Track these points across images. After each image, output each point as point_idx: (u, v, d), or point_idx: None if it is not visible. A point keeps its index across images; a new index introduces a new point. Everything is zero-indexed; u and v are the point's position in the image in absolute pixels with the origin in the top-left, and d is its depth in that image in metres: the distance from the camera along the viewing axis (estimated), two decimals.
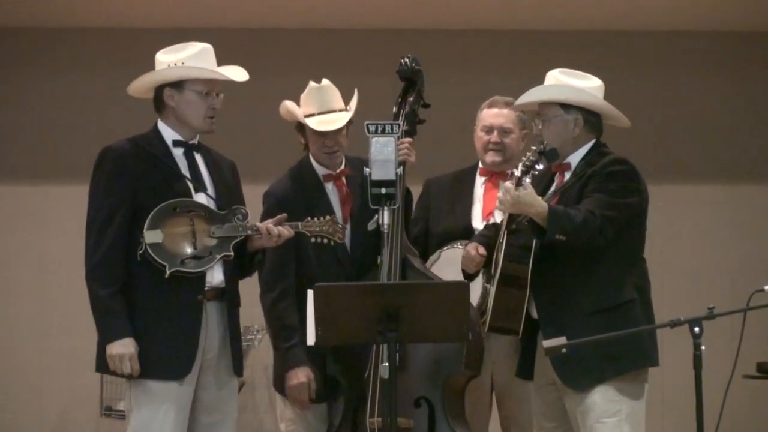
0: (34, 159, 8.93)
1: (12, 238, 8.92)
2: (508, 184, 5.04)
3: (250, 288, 5.40)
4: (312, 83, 5.57)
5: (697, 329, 4.45)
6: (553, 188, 5.24)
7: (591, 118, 5.22)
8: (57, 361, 8.78)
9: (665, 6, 8.39)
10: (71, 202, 8.58)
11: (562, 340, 4.66)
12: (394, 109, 5.68)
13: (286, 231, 5.07)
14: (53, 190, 8.92)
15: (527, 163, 5.02)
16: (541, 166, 5.04)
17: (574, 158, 5.21)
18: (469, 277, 5.43)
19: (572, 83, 5.22)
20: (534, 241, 5.10)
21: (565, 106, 5.19)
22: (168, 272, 4.90)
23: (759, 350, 7.87)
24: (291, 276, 5.45)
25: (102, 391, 8.38)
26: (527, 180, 4.99)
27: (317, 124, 5.48)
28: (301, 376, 5.39)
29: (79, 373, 8.59)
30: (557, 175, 5.26)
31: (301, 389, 5.40)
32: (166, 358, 4.93)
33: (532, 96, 5.25)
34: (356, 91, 5.60)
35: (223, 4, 8.28)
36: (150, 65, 5.16)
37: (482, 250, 5.36)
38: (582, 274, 5.08)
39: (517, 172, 5.03)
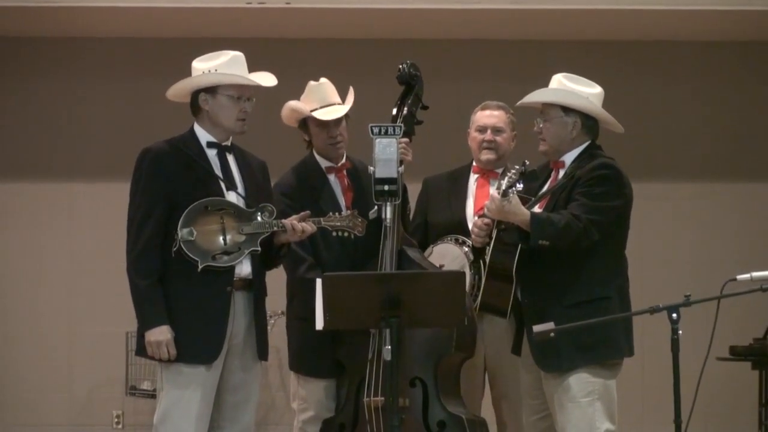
0: (66, 159, 8.95)
1: (45, 233, 8.94)
2: (495, 193, 5.07)
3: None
4: (311, 82, 5.61)
5: (674, 315, 4.47)
6: (546, 187, 5.26)
7: (588, 122, 5.23)
8: (85, 345, 8.81)
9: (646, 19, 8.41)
10: (100, 198, 8.68)
11: (550, 325, 4.69)
12: (394, 111, 5.69)
13: (309, 227, 5.08)
14: (83, 188, 8.94)
15: (510, 180, 5.05)
16: (521, 186, 5.07)
17: (569, 157, 5.22)
18: (478, 251, 5.47)
19: (575, 88, 5.23)
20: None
21: (566, 109, 5.20)
22: (200, 267, 4.92)
23: (731, 335, 7.88)
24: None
25: (127, 372, 8.40)
26: (512, 192, 5.01)
27: (321, 115, 5.52)
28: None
29: (105, 356, 8.63)
30: (553, 171, 5.28)
31: None
32: (196, 344, 4.95)
33: (537, 96, 5.26)
34: (351, 88, 5.61)
35: (239, 16, 8.28)
36: (177, 72, 5.17)
37: (487, 220, 5.37)
38: (566, 270, 5.09)
39: (503, 186, 5.05)
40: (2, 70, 8.93)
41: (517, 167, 5.12)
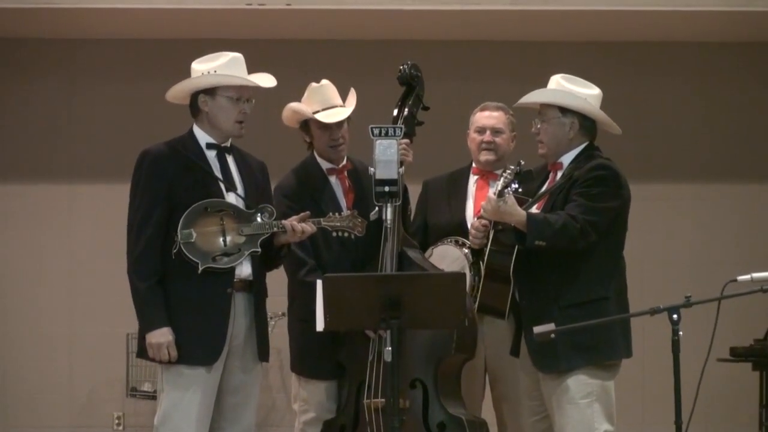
0: (66, 159, 8.95)
1: (45, 233, 8.94)
2: (491, 194, 5.07)
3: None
4: (313, 84, 5.61)
5: (675, 316, 4.46)
6: (544, 188, 5.26)
7: (586, 123, 5.23)
8: (86, 346, 8.81)
9: (645, 20, 8.41)
10: (100, 199, 8.68)
11: (551, 326, 4.68)
12: (394, 112, 5.69)
13: (309, 227, 5.08)
14: (83, 188, 8.94)
15: (506, 181, 5.05)
16: (516, 185, 5.06)
17: (567, 158, 5.22)
18: (478, 252, 5.46)
19: (573, 89, 5.23)
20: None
21: (564, 110, 5.20)
22: (201, 268, 4.93)
23: (731, 336, 7.88)
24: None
25: (128, 373, 8.40)
26: (508, 193, 5.00)
27: (324, 117, 5.51)
28: None
29: (106, 357, 8.63)
30: (551, 172, 5.28)
31: None
32: (196, 346, 4.96)
33: (534, 97, 5.27)
34: (352, 89, 5.61)
35: (239, 17, 8.28)
36: (176, 73, 5.17)
37: (484, 221, 5.37)
38: (563, 271, 5.08)
39: (499, 186, 5.05)
40: (2, 70, 8.93)
41: (513, 167, 5.12)
